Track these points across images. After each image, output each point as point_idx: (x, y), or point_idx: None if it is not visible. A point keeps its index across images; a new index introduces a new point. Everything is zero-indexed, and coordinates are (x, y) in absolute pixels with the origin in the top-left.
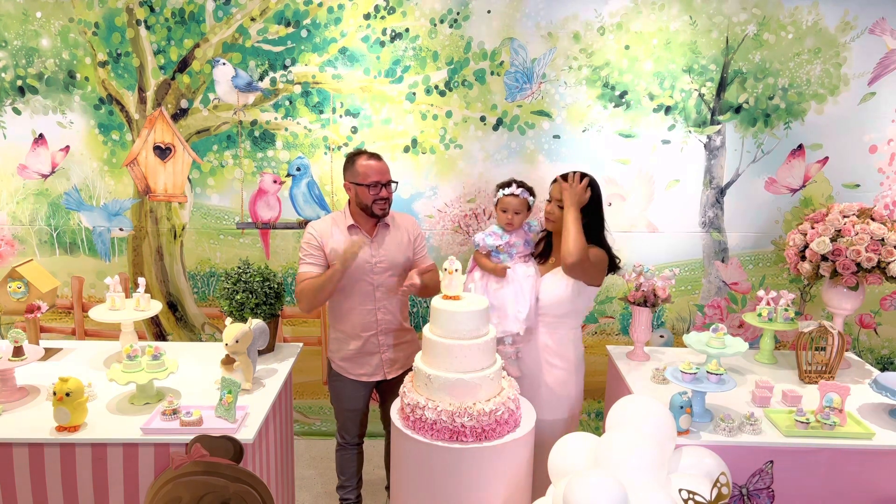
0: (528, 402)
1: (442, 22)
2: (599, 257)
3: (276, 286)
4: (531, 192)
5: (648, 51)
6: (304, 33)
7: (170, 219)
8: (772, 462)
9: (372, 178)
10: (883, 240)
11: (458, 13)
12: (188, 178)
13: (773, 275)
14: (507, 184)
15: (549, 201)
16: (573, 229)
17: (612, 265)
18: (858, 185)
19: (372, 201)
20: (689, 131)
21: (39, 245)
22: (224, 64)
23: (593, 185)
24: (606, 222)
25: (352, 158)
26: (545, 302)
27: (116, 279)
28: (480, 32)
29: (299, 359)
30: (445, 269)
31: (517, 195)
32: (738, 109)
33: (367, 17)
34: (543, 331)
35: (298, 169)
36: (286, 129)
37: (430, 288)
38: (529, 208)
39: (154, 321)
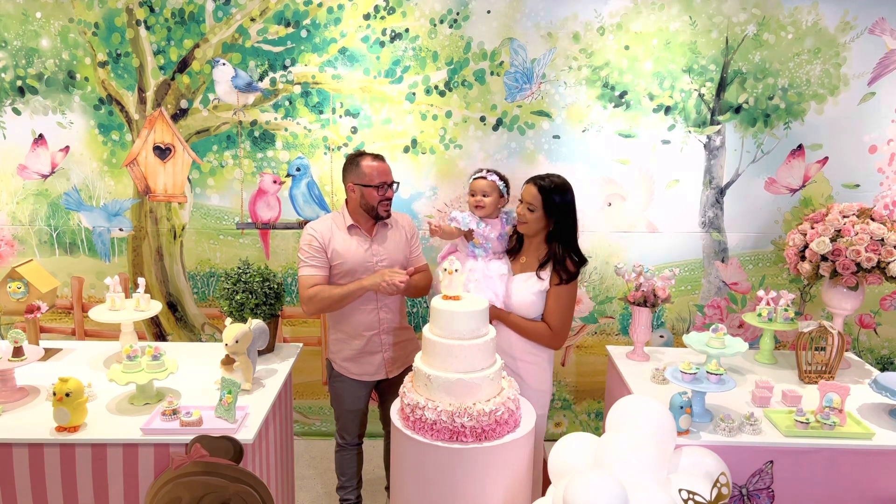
0: (527, 402)
1: (442, 22)
2: (569, 298)
3: (275, 286)
4: (505, 180)
5: (648, 51)
6: (303, 33)
7: (170, 219)
8: (772, 462)
9: (379, 178)
10: (883, 240)
11: (457, 13)
12: (188, 178)
13: (773, 275)
14: (478, 171)
15: (521, 202)
16: (529, 328)
17: (582, 260)
18: (858, 185)
19: (378, 202)
20: (689, 131)
21: (39, 245)
22: (224, 64)
23: (566, 189)
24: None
25: (354, 160)
26: (515, 303)
27: (116, 279)
28: (480, 32)
29: (299, 359)
30: (445, 270)
31: (485, 177)
32: (737, 109)
33: (366, 17)
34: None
35: (298, 169)
36: (286, 130)
37: (420, 288)
38: (502, 195)
39: (154, 321)
